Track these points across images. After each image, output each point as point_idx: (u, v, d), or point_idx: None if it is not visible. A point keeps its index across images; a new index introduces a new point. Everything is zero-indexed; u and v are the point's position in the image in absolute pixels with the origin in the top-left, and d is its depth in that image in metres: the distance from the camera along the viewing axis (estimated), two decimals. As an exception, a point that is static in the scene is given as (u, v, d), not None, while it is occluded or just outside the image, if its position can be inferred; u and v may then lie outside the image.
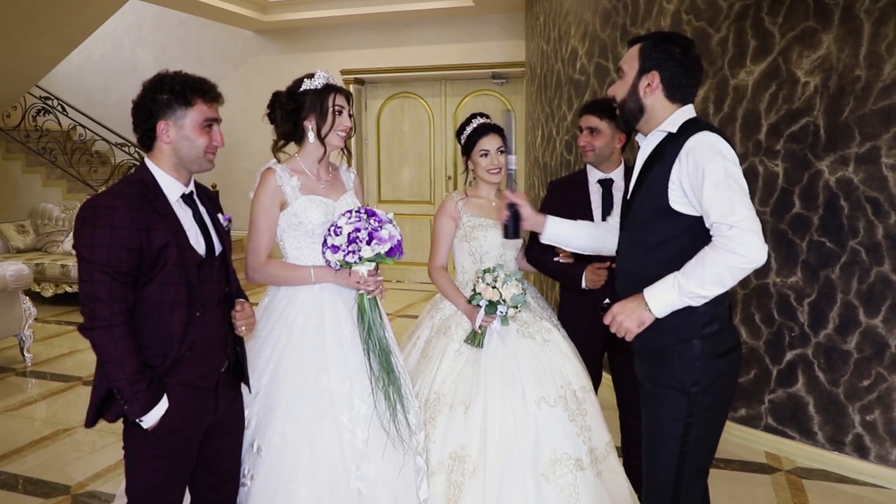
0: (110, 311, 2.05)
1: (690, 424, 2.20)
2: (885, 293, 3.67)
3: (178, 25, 9.78)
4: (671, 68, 2.20)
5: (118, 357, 2.06)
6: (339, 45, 9.16)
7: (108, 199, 2.09)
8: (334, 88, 2.69)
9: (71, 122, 9.54)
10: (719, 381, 2.21)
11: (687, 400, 2.18)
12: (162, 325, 2.16)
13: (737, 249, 1.97)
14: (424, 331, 3.15)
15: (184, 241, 2.18)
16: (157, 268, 2.12)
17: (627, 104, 2.27)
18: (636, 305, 2.12)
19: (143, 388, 2.09)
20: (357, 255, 2.56)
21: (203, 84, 2.23)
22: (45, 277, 7.95)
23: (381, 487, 2.59)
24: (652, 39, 2.25)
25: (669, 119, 2.22)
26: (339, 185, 2.85)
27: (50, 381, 5.52)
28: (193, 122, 2.19)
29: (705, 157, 2.07)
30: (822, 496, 3.65)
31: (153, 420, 2.13)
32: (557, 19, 5.88)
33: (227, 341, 2.36)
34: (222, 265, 2.37)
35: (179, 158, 2.22)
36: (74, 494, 3.66)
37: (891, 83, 3.57)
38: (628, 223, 2.32)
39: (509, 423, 2.79)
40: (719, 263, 1.99)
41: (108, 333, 2.06)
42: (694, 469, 2.26)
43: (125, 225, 2.05)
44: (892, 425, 3.70)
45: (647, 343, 2.26)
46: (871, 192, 3.66)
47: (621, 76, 2.29)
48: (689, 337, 2.17)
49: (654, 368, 2.28)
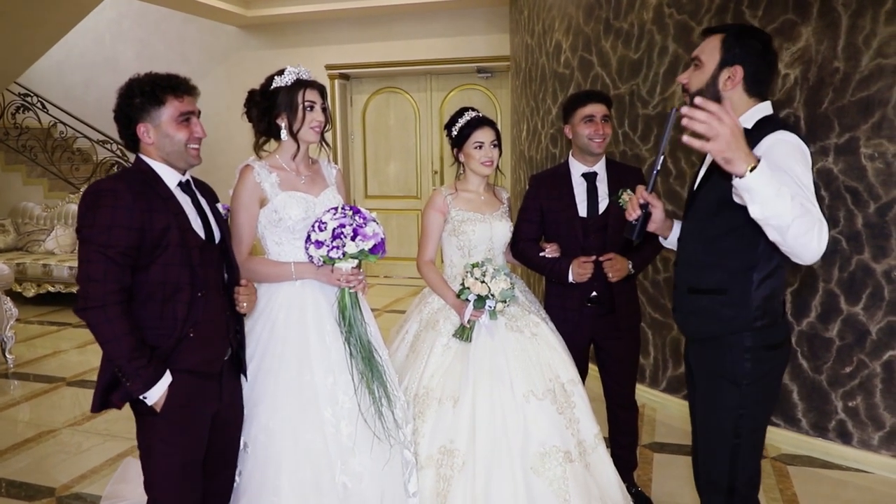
0: (104, 290, 2.09)
1: (742, 416, 2.23)
2: (866, 281, 3.71)
3: (159, 21, 9.69)
4: (755, 63, 2.18)
5: (114, 336, 2.11)
6: (324, 39, 9.13)
7: (111, 182, 2.18)
8: (304, 84, 2.68)
9: (51, 119, 9.45)
10: (769, 374, 2.25)
11: (738, 391, 2.22)
12: (167, 306, 2.20)
13: (824, 233, 1.91)
14: (413, 325, 3.17)
15: (185, 223, 2.25)
16: (160, 249, 2.18)
17: (704, 95, 2.19)
18: (746, 149, 1.82)
19: (144, 363, 2.13)
20: (341, 251, 2.56)
21: (171, 80, 2.26)
22: (27, 277, 7.89)
23: (367, 482, 2.60)
24: (734, 32, 2.22)
25: (746, 115, 2.19)
26: (321, 180, 2.85)
27: (33, 383, 5.47)
28: (169, 119, 2.23)
29: (785, 157, 2.02)
30: (807, 482, 3.70)
31: (157, 395, 2.18)
32: (541, 13, 5.89)
33: (228, 327, 2.40)
34: (222, 252, 2.41)
35: (165, 156, 2.27)
36: (59, 497, 3.64)
37: (868, 74, 3.61)
38: (692, 213, 2.33)
39: (498, 416, 2.81)
40: (813, 227, 1.88)
41: (102, 313, 2.10)
42: (748, 462, 2.29)
43: (127, 206, 2.11)
44: (874, 411, 3.75)
45: (699, 331, 2.32)
46: (850, 182, 3.70)
47: (699, 66, 2.24)
48: (740, 329, 2.20)
49: (707, 359, 2.31)
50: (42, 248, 8.34)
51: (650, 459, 3.98)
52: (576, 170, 3.24)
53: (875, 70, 3.59)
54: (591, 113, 3.13)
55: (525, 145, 6.41)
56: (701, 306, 2.29)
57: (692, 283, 2.31)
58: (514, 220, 3.28)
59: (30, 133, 9.26)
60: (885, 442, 3.75)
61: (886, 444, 3.75)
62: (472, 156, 3.08)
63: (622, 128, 4.84)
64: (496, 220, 3.14)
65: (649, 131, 4.67)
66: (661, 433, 4.33)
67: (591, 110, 3.13)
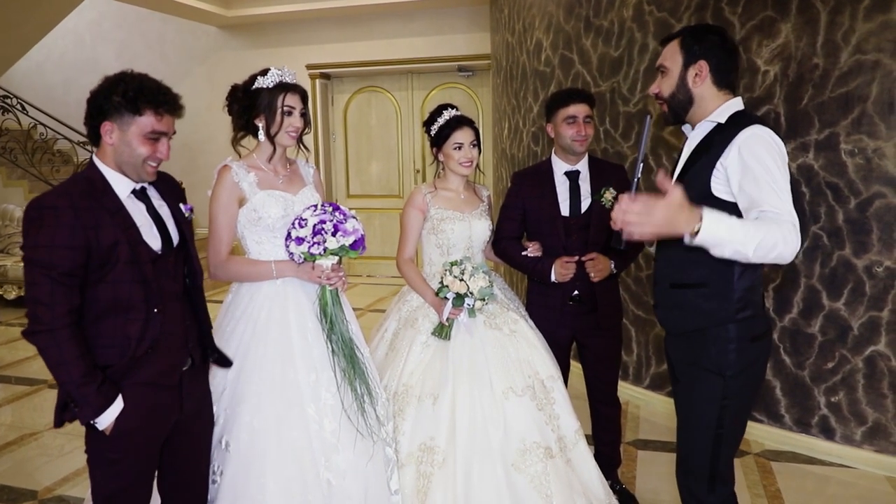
0: (52, 314, 2.00)
1: (726, 407, 2.27)
2: (847, 277, 3.73)
3: (140, 21, 9.63)
4: (717, 55, 2.27)
5: (63, 361, 2.02)
6: (305, 39, 9.10)
7: (52, 198, 2.05)
8: (286, 87, 2.66)
9: (31, 120, 9.34)
10: (752, 365, 2.29)
11: (722, 382, 2.25)
12: (118, 324, 2.11)
13: (795, 235, 1.98)
14: (392, 323, 3.16)
15: (136, 238, 2.13)
16: (109, 266, 2.07)
17: (677, 97, 2.31)
18: (685, 218, 1.88)
19: (93, 390, 2.04)
20: (322, 247, 2.55)
21: (159, 95, 2.13)
22: (8, 279, 7.81)
23: (351, 478, 2.60)
24: (689, 32, 2.32)
25: (719, 110, 2.27)
26: (298, 179, 2.84)
27: (14, 385, 5.41)
28: (138, 132, 2.11)
29: (758, 150, 2.11)
30: (791, 477, 3.71)
31: (107, 422, 2.09)
32: (522, 11, 5.89)
33: (188, 337, 2.31)
34: (181, 259, 2.31)
35: (119, 163, 2.15)
36: (41, 499, 3.60)
37: (847, 71, 3.63)
38: None
39: (478, 413, 2.81)
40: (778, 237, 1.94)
41: (50, 337, 2.01)
42: (729, 450, 2.33)
43: (68, 224, 2.00)
44: (857, 406, 3.77)
45: (682, 325, 2.35)
46: (831, 178, 3.72)
47: (665, 73, 2.34)
48: (724, 321, 2.23)
49: (689, 351, 2.34)
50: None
51: (634, 456, 3.98)
52: (558, 168, 3.24)
53: (854, 66, 3.61)
54: (573, 114, 3.12)
55: (507, 143, 6.41)
56: (684, 301, 2.31)
57: (674, 279, 2.34)
58: (494, 219, 3.27)
59: (9, 135, 9.15)
60: (868, 437, 3.77)
61: (869, 439, 3.77)
62: (452, 156, 3.08)
63: (603, 125, 4.84)
64: (475, 218, 3.13)
65: (630, 129, 4.67)
66: (644, 430, 4.33)
67: (574, 111, 3.12)
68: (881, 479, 3.67)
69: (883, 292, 3.64)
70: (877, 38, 3.54)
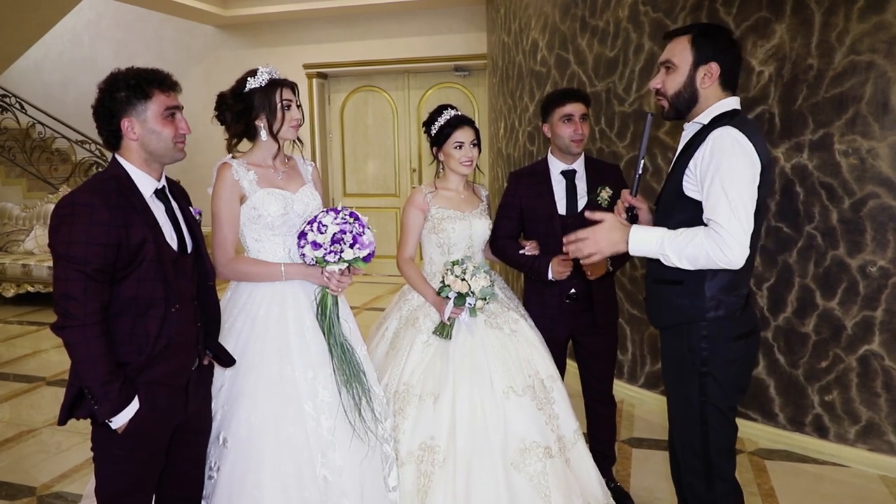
0: (84, 310, 2.01)
1: (706, 404, 2.30)
2: (841, 276, 3.75)
3: (137, 21, 9.65)
4: (727, 58, 2.26)
5: (90, 357, 2.03)
6: (301, 39, 9.12)
7: (86, 196, 2.06)
8: (279, 83, 2.69)
9: (30, 119, 9.37)
10: (731, 364, 2.30)
11: (698, 379, 2.28)
12: (138, 322, 2.14)
13: (723, 248, 2.08)
14: (392, 322, 3.17)
15: (160, 237, 2.17)
16: (135, 264, 2.10)
17: (682, 95, 2.29)
18: (619, 235, 2.24)
19: (115, 388, 2.06)
20: (338, 256, 2.58)
21: (157, 74, 2.20)
22: (6, 277, 7.82)
23: (347, 475, 2.61)
24: (701, 31, 2.29)
25: (708, 111, 2.27)
26: (297, 176, 2.85)
27: (13, 383, 5.43)
28: (155, 114, 2.17)
29: (721, 152, 2.13)
30: (785, 476, 3.73)
31: (122, 421, 2.11)
32: (518, 11, 5.91)
33: (198, 339, 2.35)
34: (195, 261, 2.35)
35: (149, 153, 2.19)
36: (40, 496, 3.62)
37: (842, 71, 3.65)
38: (659, 207, 2.42)
39: (478, 413, 2.82)
40: (703, 249, 2.11)
41: (81, 333, 2.02)
42: (721, 447, 2.35)
43: (104, 221, 2.03)
44: (850, 405, 3.80)
45: (660, 320, 2.41)
46: (825, 178, 3.74)
47: (671, 69, 2.30)
48: (695, 318, 2.27)
49: (670, 346, 2.39)
50: (21, 248, 8.25)
51: (629, 454, 4.00)
52: (555, 167, 3.26)
53: (848, 67, 3.63)
54: (569, 112, 3.14)
55: (503, 143, 6.43)
56: (662, 295, 2.37)
57: (656, 274, 2.38)
58: (492, 218, 3.29)
59: (8, 133, 9.18)
60: (862, 436, 3.79)
61: (863, 437, 3.79)
62: (452, 155, 3.10)
63: (599, 125, 4.87)
64: (476, 217, 3.15)
65: (626, 129, 4.69)
66: (639, 428, 4.36)
67: (570, 109, 3.14)
68: (874, 478, 3.69)
69: (877, 292, 3.66)
70: (871, 39, 3.56)
